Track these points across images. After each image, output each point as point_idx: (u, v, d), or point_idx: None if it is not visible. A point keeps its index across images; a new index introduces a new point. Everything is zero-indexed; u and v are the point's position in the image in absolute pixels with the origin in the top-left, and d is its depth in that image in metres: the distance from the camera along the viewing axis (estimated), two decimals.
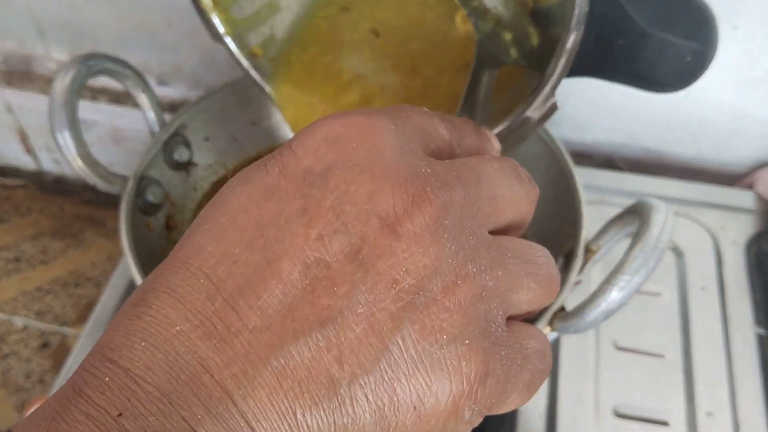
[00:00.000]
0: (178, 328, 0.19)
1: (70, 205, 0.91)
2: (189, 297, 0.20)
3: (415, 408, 0.19)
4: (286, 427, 0.18)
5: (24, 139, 0.89)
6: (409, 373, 0.19)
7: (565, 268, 0.47)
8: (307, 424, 0.19)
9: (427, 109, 0.25)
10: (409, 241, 0.20)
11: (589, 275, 0.47)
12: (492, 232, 0.23)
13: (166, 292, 0.20)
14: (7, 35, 0.81)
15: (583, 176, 0.52)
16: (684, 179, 0.71)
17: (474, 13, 0.36)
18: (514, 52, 0.38)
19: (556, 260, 0.49)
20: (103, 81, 0.81)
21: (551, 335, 0.44)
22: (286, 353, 0.19)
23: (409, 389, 0.19)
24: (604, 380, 0.55)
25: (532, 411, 0.53)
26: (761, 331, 0.59)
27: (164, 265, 0.21)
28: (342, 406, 0.19)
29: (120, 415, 0.18)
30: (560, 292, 0.45)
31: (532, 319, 0.46)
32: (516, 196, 0.24)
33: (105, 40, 0.77)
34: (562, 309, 0.45)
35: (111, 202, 0.90)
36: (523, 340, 0.22)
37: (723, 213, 0.66)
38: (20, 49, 0.82)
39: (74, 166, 0.49)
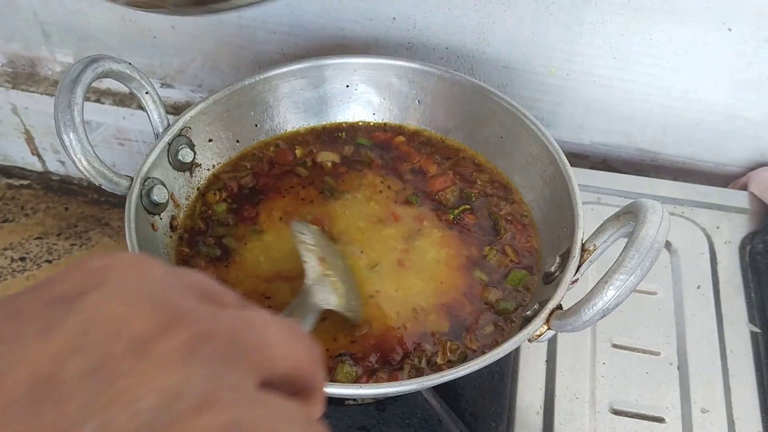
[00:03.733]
0: None
1: (75, 205, 0.92)
2: None
3: None
4: None
5: (30, 140, 0.90)
6: None
7: (562, 268, 0.48)
8: None
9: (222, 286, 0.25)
10: (156, 362, 0.19)
11: (585, 274, 0.48)
12: (278, 388, 0.22)
13: None
14: (13, 38, 0.81)
15: (579, 177, 0.53)
16: (679, 180, 0.72)
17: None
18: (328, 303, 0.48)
19: (554, 260, 0.50)
20: (108, 83, 0.82)
21: (548, 333, 0.45)
22: None
23: None
24: (600, 377, 0.56)
25: (530, 407, 0.54)
26: (755, 328, 0.59)
27: None
28: None
29: None
30: (557, 290, 0.46)
31: (530, 316, 0.47)
32: (289, 348, 0.22)
33: (109, 42, 0.78)
34: (559, 307, 0.45)
35: (116, 202, 0.90)
36: None
37: (717, 213, 0.67)
38: (26, 51, 0.83)
39: (79, 166, 0.49)
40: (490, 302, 0.52)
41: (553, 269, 0.49)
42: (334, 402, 0.52)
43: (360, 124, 0.64)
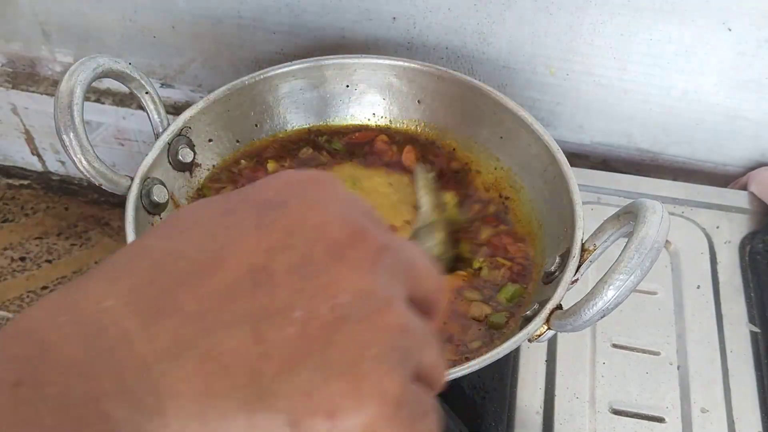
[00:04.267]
0: (108, 303, 0.19)
1: (75, 205, 0.92)
2: (127, 277, 0.20)
3: (330, 416, 0.20)
4: (197, 409, 0.19)
5: (30, 140, 0.90)
6: (331, 380, 0.20)
7: (562, 268, 0.48)
8: (219, 409, 0.19)
9: None
10: (350, 265, 0.21)
11: (585, 274, 0.48)
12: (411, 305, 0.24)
13: (105, 275, 0.21)
14: (13, 38, 0.81)
15: (579, 177, 0.53)
16: (679, 179, 0.72)
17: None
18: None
19: (554, 260, 0.50)
20: (108, 83, 0.82)
21: (548, 333, 0.45)
22: (214, 338, 0.19)
23: (329, 396, 0.20)
24: (600, 377, 0.56)
25: (530, 407, 0.54)
26: (755, 328, 0.59)
27: (112, 255, 0.22)
28: (258, 399, 0.19)
29: (17, 384, 0.18)
30: (557, 290, 0.46)
31: (530, 316, 0.47)
32: (432, 272, 0.25)
33: (109, 42, 0.78)
34: (559, 307, 0.45)
35: (116, 202, 0.90)
36: (427, 396, 0.23)
37: (717, 213, 0.67)
38: (26, 51, 0.83)
39: (79, 166, 0.49)
40: (477, 318, 0.52)
41: (552, 269, 0.49)
42: None
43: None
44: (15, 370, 0.18)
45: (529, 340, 0.45)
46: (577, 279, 0.47)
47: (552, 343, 0.58)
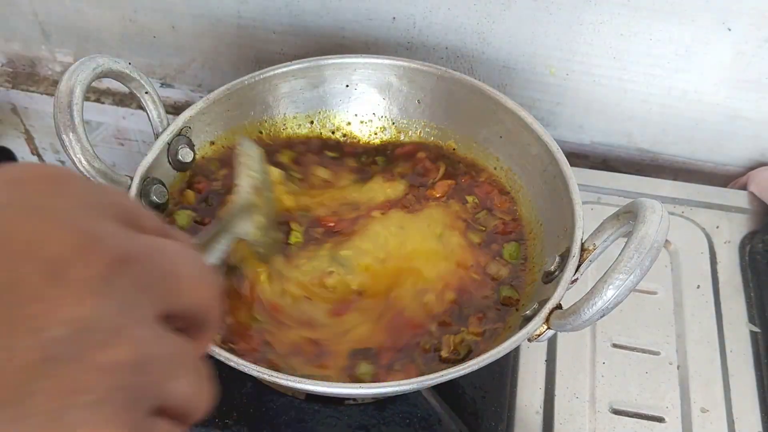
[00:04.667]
0: None
1: None
2: None
3: None
4: None
5: (30, 140, 0.90)
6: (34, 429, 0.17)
7: (561, 267, 0.48)
8: None
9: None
10: (69, 290, 0.18)
11: (585, 274, 0.48)
12: (171, 320, 0.21)
13: None
14: (13, 37, 0.81)
15: (579, 176, 0.53)
16: (679, 179, 0.72)
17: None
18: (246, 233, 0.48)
19: (553, 259, 0.50)
20: (108, 83, 0.82)
21: (548, 333, 0.45)
22: None
23: None
24: (600, 377, 0.56)
25: (530, 407, 0.54)
26: (755, 328, 0.59)
27: None
28: None
29: None
30: (556, 290, 0.46)
31: (530, 316, 0.47)
32: (196, 283, 0.22)
33: (109, 42, 0.78)
34: (558, 307, 0.45)
35: None
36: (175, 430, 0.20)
37: (717, 212, 0.67)
38: (25, 51, 0.83)
39: (79, 166, 0.49)
40: (494, 276, 0.53)
41: (552, 268, 0.49)
42: (333, 402, 0.52)
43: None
44: None
45: (529, 340, 0.45)
46: (577, 278, 0.47)
47: (552, 343, 0.58)
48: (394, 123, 0.64)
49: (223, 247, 0.44)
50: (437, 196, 0.59)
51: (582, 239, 0.48)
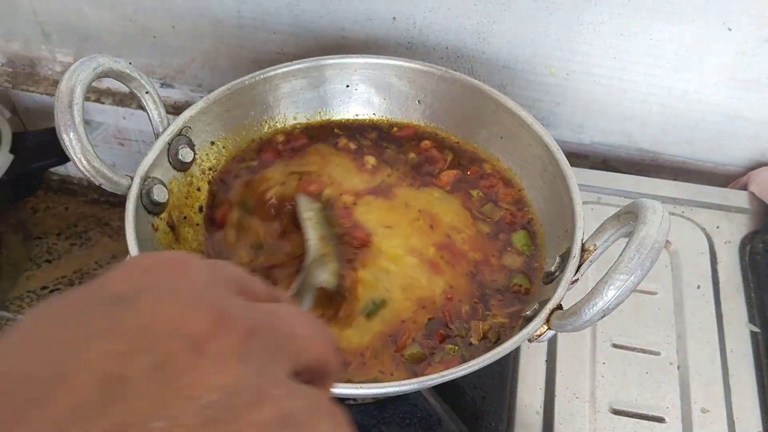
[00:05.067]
0: None
1: (75, 205, 0.92)
2: None
3: None
4: None
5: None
6: None
7: (562, 268, 0.48)
8: None
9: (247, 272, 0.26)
10: (213, 360, 0.20)
11: (585, 274, 0.48)
12: (298, 376, 0.23)
13: None
14: (13, 37, 0.81)
15: (579, 177, 0.53)
16: (679, 180, 0.72)
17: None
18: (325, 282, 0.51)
19: (554, 260, 0.50)
20: (108, 83, 0.82)
21: (548, 333, 0.45)
22: None
23: None
24: (600, 377, 0.56)
25: (530, 407, 0.54)
26: (755, 328, 0.59)
27: None
28: None
29: None
30: (557, 290, 0.46)
31: (530, 316, 0.47)
32: (314, 339, 0.24)
33: (109, 42, 0.78)
34: (559, 307, 0.45)
35: (115, 201, 0.90)
36: None
37: (717, 213, 0.67)
38: (26, 51, 0.83)
39: (80, 166, 0.49)
40: (509, 266, 0.54)
41: (553, 269, 0.49)
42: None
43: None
44: None
45: (529, 340, 0.45)
46: (578, 279, 0.47)
47: (552, 343, 0.58)
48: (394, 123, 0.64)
49: (309, 301, 0.48)
50: (442, 185, 0.59)
51: (582, 240, 0.48)
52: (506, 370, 0.55)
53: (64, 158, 0.50)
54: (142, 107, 0.55)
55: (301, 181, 0.59)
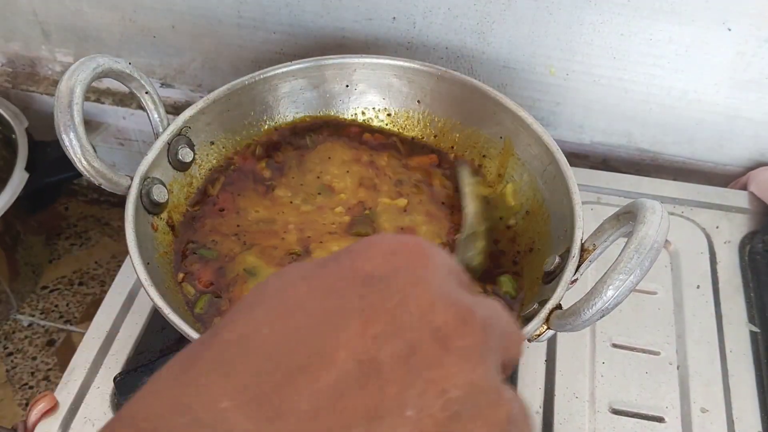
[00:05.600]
0: (223, 405, 0.19)
1: (75, 205, 0.92)
2: (239, 373, 0.20)
3: None
4: None
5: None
6: None
7: (561, 267, 0.48)
8: None
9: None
10: (458, 357, 0.21)
11: (585, 274, 0.48)
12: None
13: (215, 367, 0.20)
14: (13, 37, 0.81)
15: (579, 177, 0.53)
16: (679, 179, 0.72)
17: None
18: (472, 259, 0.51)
19: (553, 260, 0.50)
20: (108, 83, 0.82)
21: (548, 333, 0.45)
22: None
23: None
24: (599, 377, 0.56)
25: (530, 407, 0.54)
26: (755, 328, 0.59)
27: (214, 338, 0.21)
28: None
29: None
30: (556, 290, 0.46)
31: (530, 316, 0.47)
32: (517, 336, 0.25)
33: (109, 42, 0.78)
34: (558, 307, 0.45)
35: (115, 201, 0.90)
36: None
37: (717, 213, 0.67)
38: (26, 51, 0.83)
39: (79, 166, 0.49)
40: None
41: (552, 269, 0.49)
42: None
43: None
44: None
45: (529, 340, 0.45)
46: (577, 279, 0.47)
47: (552, 343, 0.58)
48: (394, 123, 0.64)
49: None
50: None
51: (582, 239, 0.48)
52: None
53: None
54: (141, 107, 0.55)
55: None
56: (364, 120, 0.64)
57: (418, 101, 0.63)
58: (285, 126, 0.63)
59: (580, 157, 0.76)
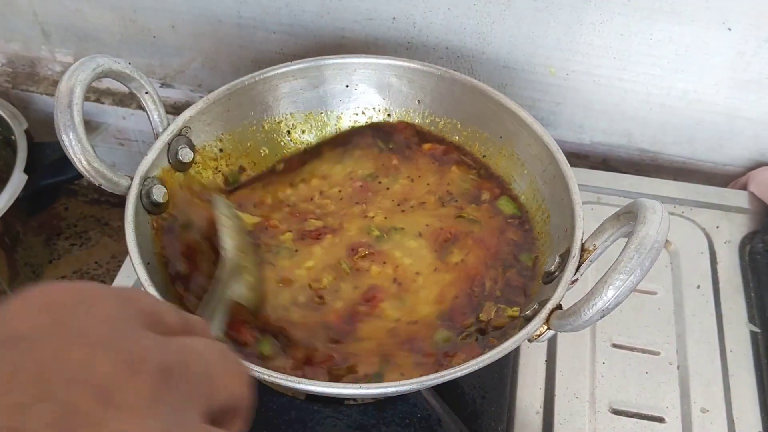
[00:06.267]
0: None
1: (75, 205, 0.92)
2: None
3: None
4: None
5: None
6: None
7: (562, 268, 0.48)
8: None
9: (158, 299, 0.25)
10: (124, 411, 0.18)
11: (585, 274, 0.48)
12: (210, 419, 0.22)
13: None
14: (13, 37, 0.81)
15: (579, 177, 0.53)
16: (679, 179, 0.72)
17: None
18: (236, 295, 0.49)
19: (553, 260, 0.50)
20: (108, 83, 0.82)
21: (548, 333, 0.45)
22: None
23: None
24: (600, 377, 0.56)
25: (530, 407, 0.54)
26: (755, 328, 0.59)
27: None
28: None
29: None
30: (556, 290, 0.46)
31: (530, 316, 0.47)
32: (228, 378, 0.23)
33: (109, 42, 0.78)
34: (558, 307, 0.45)
35: (115, 201, 0.90)
36: None
37: (717, 213, 0.67)
38: (26, 51, 0.83)
39: (79, 166, 0.49)
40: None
41: (552, 269, 0.49)
42: (333, 402, 0.52)
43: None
44: None
45: (529, 340, 0.45)
46: (577, 279, 0.47)
47: (552, 343, 0.58)
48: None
49: (223, 317, 0.46)
50: None
51: (582, 240, 0.48)
52: (506, 370, 0.55)
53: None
54: (141, 107, 0.55)
55: None
56: (366, 120, 0.64)
57: (418, 101, 0.63)
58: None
59: (580, 157, 0.76)
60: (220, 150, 0.60)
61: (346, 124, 0.64)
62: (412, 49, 0.71)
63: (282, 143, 0.63)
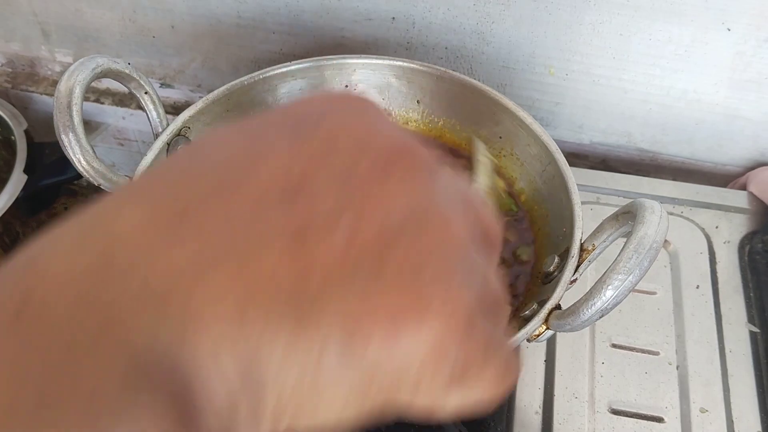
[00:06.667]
0: (124, 225, 0.17)
1: (75, 205, 0.92)
2: (147, 196, 0.18)
3: (389, 333, 0.17)
4: (231, 328, 0.16)
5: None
6: (391, 293, 0.17)
7: (561, 267, 0.48)
8: (258, 326, 0.16)
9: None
10: (402, 181, 0.19)
11: (584, 274, 0.48)
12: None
13: (120, 193, 0.18)
14: (13, 38, 0.81)
15: (578, 177, 0.53)
16: (678, 179, 0.72)
17: None
18: None
19: (552, 260, 0.50)
20: (108, 83, 0.82)
21: (547, 333, 0.45)
22: (249, 250, 0.16)
23: (388, 310, 0.17)
24: (599, 377, 0.56)
25: (528, 407, 0.54)
26: (754, 328, 0.59)
27: (143, 173, 0.19)
28: (303, 313, 0.16)
29: (17, 313, 0.15)
30: (555, 290, 0.46)
31: (529, 316, 0.47)
32: (491, 212, 0.23)
33: (109, 42, 0.78)
34: (557, 307, 0.45)
35: None
36: (494, 325, 0.20)
37: (716, 213, 0.67)
38: (25, 51, 0.83)
39: (79, 166, 0.49)
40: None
41: (551, 269, 0.49)
42: None
43: None
44: (15, 301, 0.16)
45: (528, 340, 0.45)
46: (576, 279, 0.47)
47: (551, 343, 0.58)
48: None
49: None
50: None
51: (581, 239, 0.48)
52: None
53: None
54: (141, 107, 0.55)
55: None
56: None
57: (418, 101, 0.63)
58: None
59: (579, 157, 0.76)
60: None
61: None
62: (411, 49, 0.71)
63: None
